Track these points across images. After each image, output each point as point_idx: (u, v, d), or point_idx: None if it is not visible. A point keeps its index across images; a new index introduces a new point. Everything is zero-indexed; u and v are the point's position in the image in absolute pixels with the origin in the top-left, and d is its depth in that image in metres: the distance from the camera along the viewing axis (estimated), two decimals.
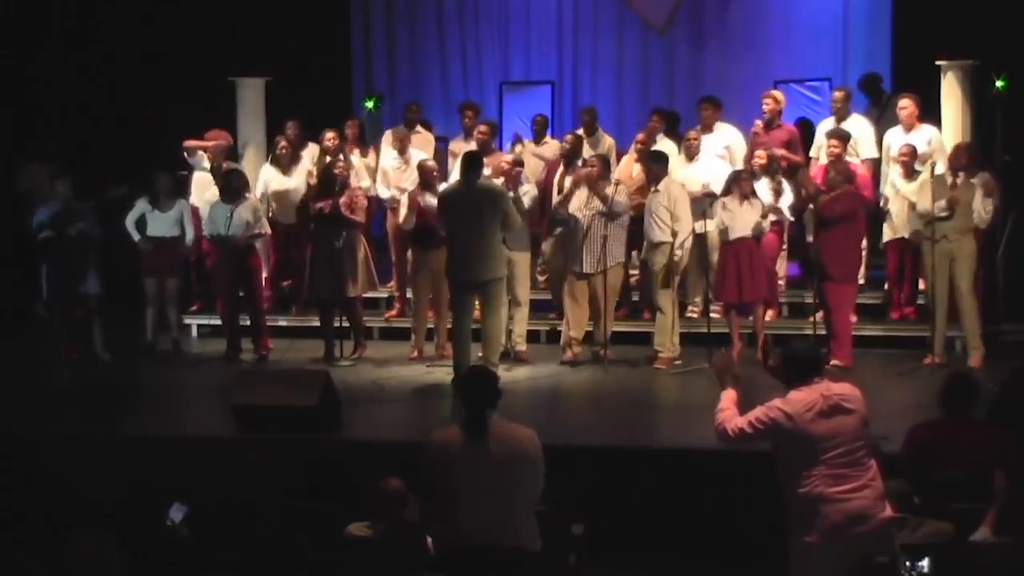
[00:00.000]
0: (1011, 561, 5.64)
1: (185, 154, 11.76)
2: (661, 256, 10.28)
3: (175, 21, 13.23)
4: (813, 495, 5.41)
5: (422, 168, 10.86)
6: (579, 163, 10.96)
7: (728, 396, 5.78)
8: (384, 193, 11.68)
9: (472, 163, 9.87)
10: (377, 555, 6.08)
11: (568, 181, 10.69)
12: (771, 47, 13.78)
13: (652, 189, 10.43)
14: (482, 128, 11.70)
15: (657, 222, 10.28)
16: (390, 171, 11.70)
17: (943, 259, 9.96)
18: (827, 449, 5.41)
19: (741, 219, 10.19)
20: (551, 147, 11.97)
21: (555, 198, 10.81)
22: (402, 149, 11.69)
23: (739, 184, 10.29)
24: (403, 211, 10.83)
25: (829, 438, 5.42)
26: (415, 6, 14.71)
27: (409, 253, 11.01)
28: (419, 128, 12.41)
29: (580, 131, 11.98)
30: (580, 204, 10.39)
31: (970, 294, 9.96)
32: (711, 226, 10.61)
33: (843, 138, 10.68)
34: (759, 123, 11.43)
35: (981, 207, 9.89)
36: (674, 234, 10.22)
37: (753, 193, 10.26)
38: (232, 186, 10.83)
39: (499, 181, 10.40)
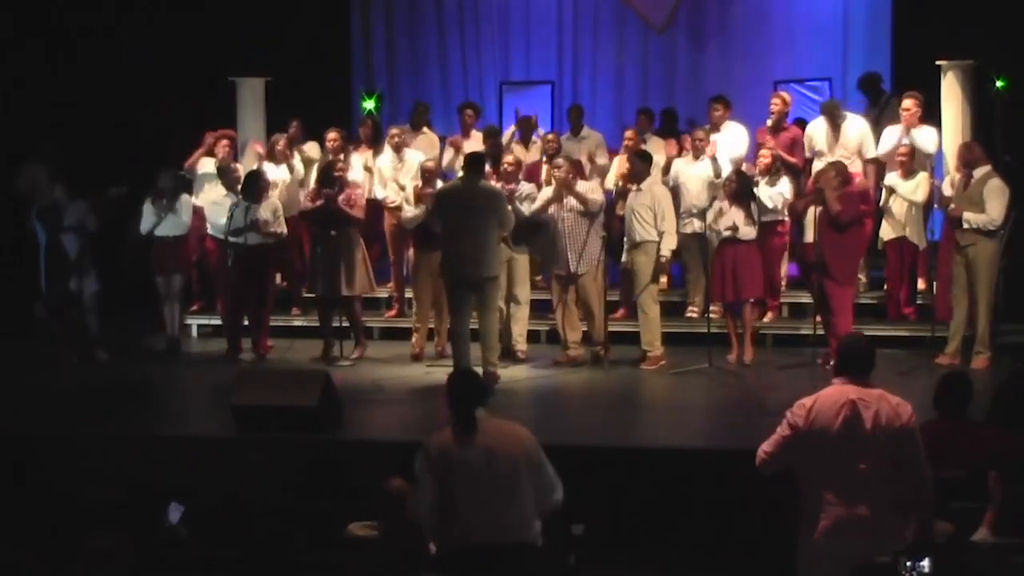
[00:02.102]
0: (1010, 561, 5.65)
1: (186, 174, 11.81)
2: (644, 256, 10.28)
3: (175, 21, 13.23)
4: (823, 496, 5.39)
5: (423, 169, 10.86)
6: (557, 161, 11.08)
7: None
8: (380, 192, 11.69)
9: (475, 163, 9.87)
10: (378, 555, 6.08)
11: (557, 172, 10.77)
12: (771, 47, 13.78)
13: (635, 188, 10.43)
14: (489, 141, 11.70)
15: (640, 221, 10.28)
16: (385, 170, 11.70)
17: (960, 263, 9.95)
18: (843, 453, 5.36)
19: (727, 220, 10.21)
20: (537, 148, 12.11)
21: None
22: (398, 147, 11.69)
23: (727, 185, 10.34)
24: (409, 210, 10.83)
25: (845, 442, 5.36)
26: (415, 6, 14.70)
27: (411, 253, 11.02)
28: (425, 129, 12.43)
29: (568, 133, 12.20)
30: (557, 207, 10.40)
31: (988, 297, 9.93)
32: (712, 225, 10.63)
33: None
34: (768, 124, 11.45)
35: (985, 206, 9.84)
36: (660, 234, 10.23)
37: (743, 195, 10.24)
38: (253, 187, 10.83)
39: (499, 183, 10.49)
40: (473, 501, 5.55)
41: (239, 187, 10.99)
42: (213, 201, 11.26)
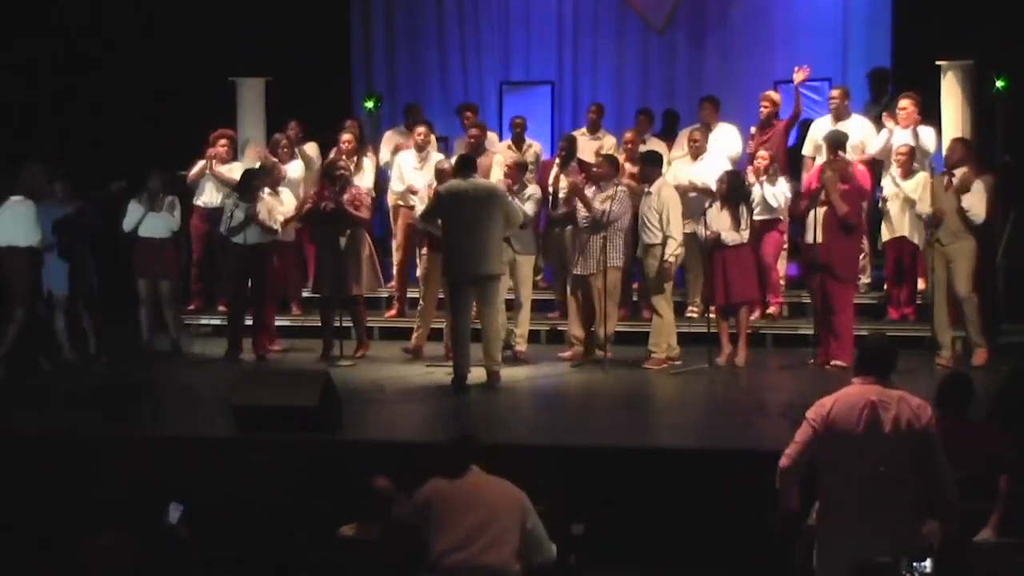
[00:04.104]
0: (1012, 562, 5.64)
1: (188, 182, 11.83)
2: (653, 259, 10.29)
3: (175, 21, 13.23)
4: (841, 496, 5.39)
5: (439, 169, 10.87)
6: (574, 164, 11.09)
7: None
8: (398, 187, 11.69)
9: (465, 164, 9.94)
10: (379, 556, 6.07)
11: (563, 181, 10.82)
12: (771, 47, 13.77)
13: (645, 191, 10.43)
14: (473, 132, 11.75)
15: (649, 225, 10.29)
16: (406, 167, 11.70)
17: (941, 261, 9.98)
18: (862, 454, 5.34)
19: (719, 223, 10.23)
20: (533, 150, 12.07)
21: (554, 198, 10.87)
22: (421, 147, 11.68)
23: (718, 186, 10.35)
24: (419, 205, 10.85)
25: (865, 443, 5.33)
26: (415, 6, 14.70)
27: (424, 250, 11.00)
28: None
29: (583, 129, 12.19)
30: (580, 208, 10.43)
31: (970, 293, 9.96)
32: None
33: (839, 143, 10.63)
34: (752, 131, 11.55)
35: (971, 204, 9.87)
36: (665, 238, 10.22)
37: (734, 196, 10.24)
38: (250, 184, 10.84)
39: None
40: (453, 534, 5.64)
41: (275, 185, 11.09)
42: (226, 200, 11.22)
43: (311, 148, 12.22)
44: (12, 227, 10.55)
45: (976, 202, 9.94)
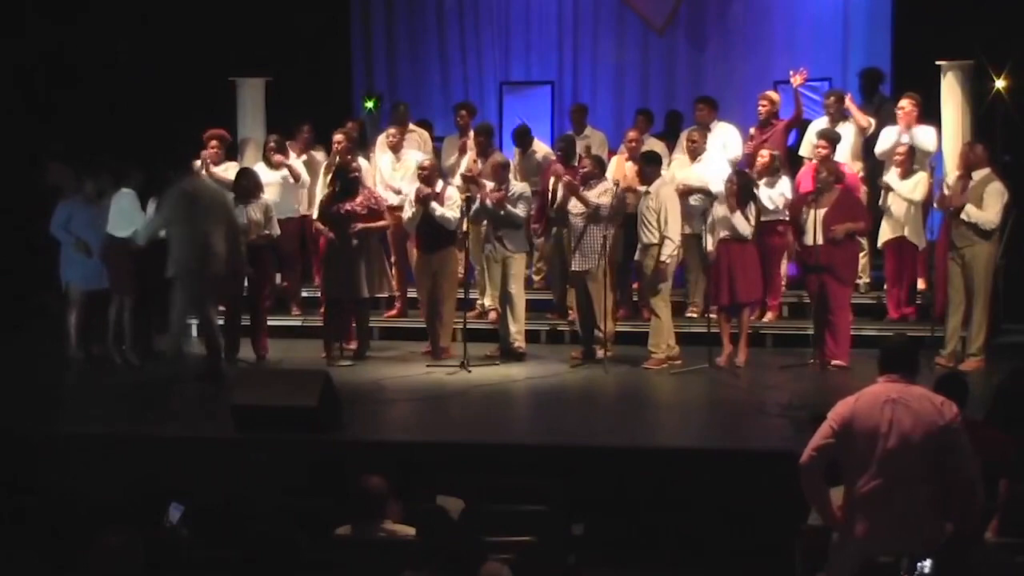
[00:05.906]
0: (1012, 562, 5.64)
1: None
2: (651, 259, 10.28)
3: (175, 21, 13.23)
4: (859, 494, 5.36)
5: (420, 168, 10.87)
6: (577, 162, 11.11)
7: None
8: (380, 191, 11.68)
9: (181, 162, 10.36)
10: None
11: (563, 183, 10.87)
12: (772, 47, 13.78)
13: (644, 191, 10.43)
14: (480, 138, 11.67)
15: (647, 225, 10.28)
16: (385, 171, 11.71)
17: (958, 262, 9.96)
18: (883, 452, 5.30)
19: (725, 223, 10.23)
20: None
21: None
22: (395, 148, 11.68)
23: (727, 186, 10.35)
24: (408, 210, 10.85)
25: (886, 441, 5.30)
26: (415, 6, 14.71)
27: (413, 253, 11.04)
28: (412, 127, 12.36)
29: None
30: (573, 206, 10.42)
31: (984, 300, 9.90)
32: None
33: (831, 139, 10.66)
34: (751, 132, 11.55)
35: (982, 208, 9.83)
36: (663, 239, 10.22)
37: (743, 196, 10.25)
38: (243, 186, 10.84)
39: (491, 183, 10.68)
40: None
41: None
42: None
43: (320, 154, 12.18)
44: (117, 219, 10.71)
45: (990, 204, 9.81)
